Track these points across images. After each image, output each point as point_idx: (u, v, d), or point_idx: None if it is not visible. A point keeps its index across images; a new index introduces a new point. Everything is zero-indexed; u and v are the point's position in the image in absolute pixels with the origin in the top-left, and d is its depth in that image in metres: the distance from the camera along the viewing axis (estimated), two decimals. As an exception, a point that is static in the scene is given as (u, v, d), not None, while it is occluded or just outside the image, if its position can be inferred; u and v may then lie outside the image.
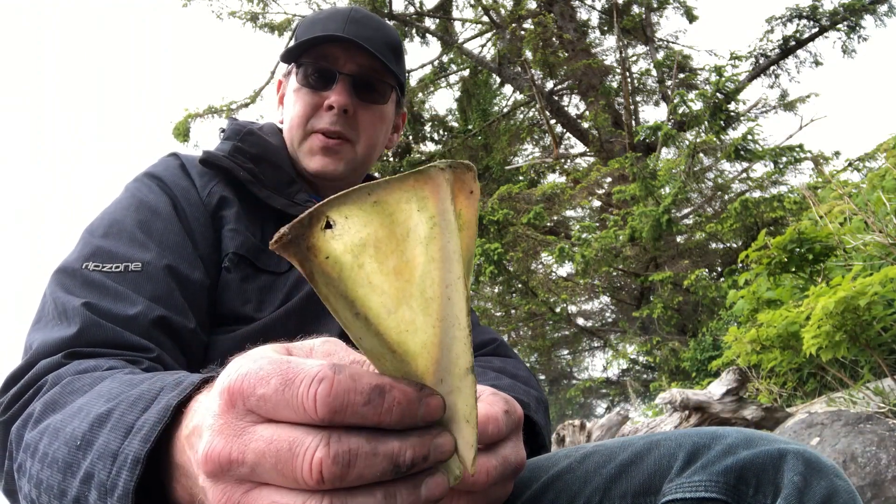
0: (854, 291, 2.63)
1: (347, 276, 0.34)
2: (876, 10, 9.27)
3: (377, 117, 1.04)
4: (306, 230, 0.33)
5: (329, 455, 0.33)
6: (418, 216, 0.34)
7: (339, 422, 0.34)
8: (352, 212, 0.33)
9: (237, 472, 0.36)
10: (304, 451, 0.34)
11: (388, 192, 0.33)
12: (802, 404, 3.92)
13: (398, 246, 0.34)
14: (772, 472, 0.50)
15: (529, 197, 9.34)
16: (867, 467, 2.50)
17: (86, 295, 0.72)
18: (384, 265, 0.34)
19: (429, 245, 0.34)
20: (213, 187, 0.92)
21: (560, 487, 0.57)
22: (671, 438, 0.55)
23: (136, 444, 0.45)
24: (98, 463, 0.48)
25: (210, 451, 0.36)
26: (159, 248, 0.80)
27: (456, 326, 0.35)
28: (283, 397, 0.35)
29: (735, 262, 7.17)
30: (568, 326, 9.67)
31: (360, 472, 0.34)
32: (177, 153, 0.99)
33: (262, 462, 0.35)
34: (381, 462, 0.34)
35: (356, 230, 0.33)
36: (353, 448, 0.34)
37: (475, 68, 12.33)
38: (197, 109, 11.28)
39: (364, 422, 0.34)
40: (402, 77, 1.08)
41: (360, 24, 1.00)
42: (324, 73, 0.99)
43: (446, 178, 0.34)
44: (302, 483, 0.34)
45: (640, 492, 0.53)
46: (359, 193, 0.33)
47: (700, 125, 8.12)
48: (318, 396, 0.34)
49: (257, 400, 0.35)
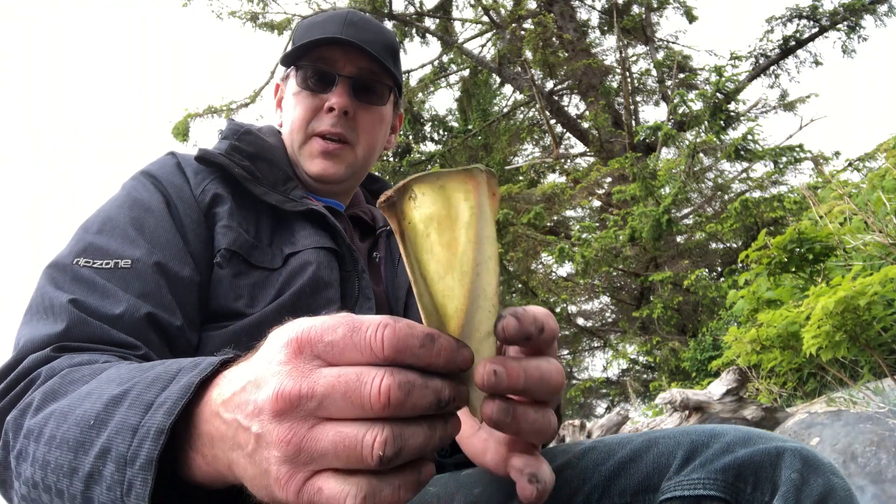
0: (854, 291, 2.63)
1: (419, 241, 0.42)
2: (876, 10, 9.27)
3: (377, 119, 1.05)
4: (400, 195, 0.41)
5: (395, 382, 0.38)
6: (464, 204, 0.42)
7: (399, 361, 0.39)
8: (426, 190, 0.41)
9: (305, 407, 0.39)
10: (371, 379, 0.38)
11: (449, 179, 0.41)
12: (802, 404, 3.91)
13: (451, 225, 0.42)
14: (769, 470, 0.50)
15: (529, 197, 9.34)
16: (867, 467, 2.50)
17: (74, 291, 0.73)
18: (441, 238, 0.41)
19: (468, 229, 0.42)
20: (207, 185, 0.92)
21: (559, 484, 0.57)
22: (669, 436, 0.55)
23: (160, 417, 0.46)
24: (116, 438, 0.49)
25: (281, 391, 0.39)
26: (150, 246, 0.81)
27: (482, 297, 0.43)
28: (351, 341, 0.40)
29: (735, 262, 7.17)
30: (568, 326, 9.67)
31: (415, 401, 0.39)
32: (174, 152, 0.99)
33: (332, 393, 0.39)
34: (430, 394, 0.40)
35: (428, 205, 0.41)
36: (411, 379, 0.39)
37: (475, 68, 12.33)
38: (196, 109, 11.29)
39: (418, 362, 0.40)
40: (400, 78, 1.09)
41: (358, 26, 1.01)
42: (323, 76, 1.00)
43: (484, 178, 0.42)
44: (368, 408, 0.38)
45: (638, 489, 0.53)
46: (430, 177, 0.41)
47: (700, 125, 8.12)
48: (384, 338, 0.39)
49: (325, 346, 0.40)
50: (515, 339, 0.44)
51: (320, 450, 0.39)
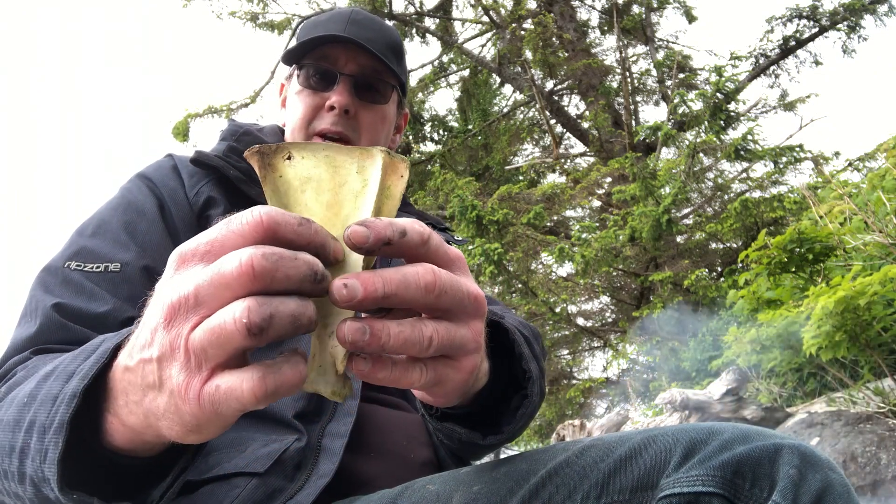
0: (854, 291, 2.63)
1: (291, 194, 0.46)
2: (876, 10, 9.27)
3: (378, 117, 1.04)
4: (273, 152, 0.46)
5: (259, 253, 0.37)
6: (357, 176, 0.46)
7: (279, 236, 0.40)
8: (306, 155, 0.46)
9: (186, 309, 0.39)
10: (236, 256, 0.38)
11: (337, 152, 0.46)
12: (802, 404, 3.91)
13: (333, 189, 0.46)
14: (768, 466, 0.50)
15: (529, 197, 9.34)
16: (867, 467, 2.50)
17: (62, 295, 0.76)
18: (319, 198, 0.46)
19: (357, 198, 0.46)
20: (202, 187, 0.93)
21: (558, 482, 0.57)
22: (668, 434, 0.56)
23: (75, 383, 0.48)
24: (40, 409, 0.50)
25: (164, 303, 0.40)
26: (140, 249, 0.84)
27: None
28: (228, 231, 0.40)
29: (735, 262, 7.16)
30: (568, 326, 9.67)
31: (286, 271, 0.38)
32: (172, 154, 1.00)
33: (203, 286, 0.38)
34: (302, 265, 0.39)
35: (306, 167, 0.46)
36: (278, 252, 0.38)
37: (475, 68, 12.33)
38: (196, 109, 11.30)
39: (298, 238, 0.40)
40: (404, 77, 1.08)
41: (361, 25, 1.01)
42: (325, 74, 1.00)
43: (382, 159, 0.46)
44: (236, 287, 0.37)
45: (637, 487, 0.53)
46: (316, 146, 0.46)
47: (700, 125, 8.11)
48: (262, 214, 0.39)
49: (206, 246, 0.41)
50: (368, 247, 0.41)
51: (201, 345, 0.38)
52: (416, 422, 0.93)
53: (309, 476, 0.74)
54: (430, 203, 9.48)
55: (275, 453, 0.74)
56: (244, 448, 0.76)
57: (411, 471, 0.83)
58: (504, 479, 0.60)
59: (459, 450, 0.85)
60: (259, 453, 0.75)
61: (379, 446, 0.84)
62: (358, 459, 0.81)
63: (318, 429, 0.79)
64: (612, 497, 0.53)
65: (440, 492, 0.61)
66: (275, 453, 0.74)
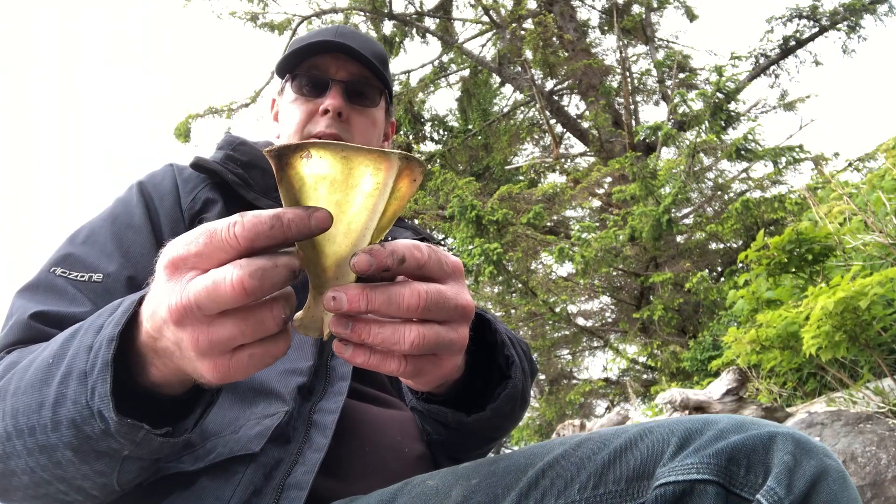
0: (854, 291, 2.63)
1: (304, 189, 0.48)
2: (876, 10, 9.27)
3: (370, 121, 1.10)
4: (292, 152, 0.47)
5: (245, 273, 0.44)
6: (370, 178, 0.47)
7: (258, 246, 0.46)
8: (324, 155, 0.47)
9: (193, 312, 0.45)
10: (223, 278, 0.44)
11: (355, 154, 0.47)
12: (802, 404, 3.91)
13: (346, 189, 0.47)
14: (762, 453, 0.51)
15: (529, 197, 9.34)
16: (867, 467, 2.50)
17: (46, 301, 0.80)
18: (331, 196, 0.48)
19: (367, 199, 0.48)
20: (198, 192, 0.98)
21: (555, 473, 0.57)
22: (664, 425, 0.56)
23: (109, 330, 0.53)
24: (75, 360, 0.55)
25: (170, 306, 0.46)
26: (124, 260, 0.88)
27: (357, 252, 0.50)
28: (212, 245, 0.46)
29: (735, 262, 7.16)
30: (568, 326, 9.67)
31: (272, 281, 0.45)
32: (173, 164, 1.06)
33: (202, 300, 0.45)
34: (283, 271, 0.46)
35: (322, 167, 0.47)
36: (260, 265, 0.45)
37: (475, 68, 12.33)
38: (197, 110, 11.31)
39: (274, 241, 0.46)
40: (390, 86, 1.15)
41: (348, 36, 1.09)
42: (317, 82, 1.07)
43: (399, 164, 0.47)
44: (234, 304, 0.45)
45: (633, 476, 0.54)
46: (335, 146, 0.46)
47: (700, 125, 8.12)
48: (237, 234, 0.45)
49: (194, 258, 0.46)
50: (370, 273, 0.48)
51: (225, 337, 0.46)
52: (410, 419, 0.94)
53: (302, 448, 0.76)
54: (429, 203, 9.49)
55: (267, 430, 0.76)
56: (237, 429, 0.77)
57: (406, 464, 0.85)
58: (503, 473, 0.60)
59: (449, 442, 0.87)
60: (253, 432, 0.76)
61: (374, 441, 0.86)
62: (353, 453, 0.82)
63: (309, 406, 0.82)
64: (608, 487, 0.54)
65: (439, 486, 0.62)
66: (267, 430, 0.76)
